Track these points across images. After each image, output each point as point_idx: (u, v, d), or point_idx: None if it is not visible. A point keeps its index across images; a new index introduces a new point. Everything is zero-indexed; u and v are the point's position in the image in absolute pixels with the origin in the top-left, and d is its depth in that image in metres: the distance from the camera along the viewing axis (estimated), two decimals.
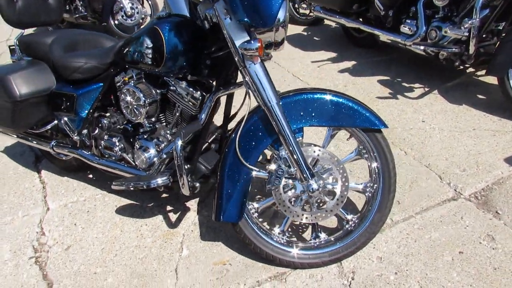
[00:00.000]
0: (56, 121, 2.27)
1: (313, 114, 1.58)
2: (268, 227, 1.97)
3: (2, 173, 2.71)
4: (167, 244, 1.98)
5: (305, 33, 4.88)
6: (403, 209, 2.03)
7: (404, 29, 3.18)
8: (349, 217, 1.75)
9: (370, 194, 1.72)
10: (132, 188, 1.87)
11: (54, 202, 2.37)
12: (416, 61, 3.77)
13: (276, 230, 1.78)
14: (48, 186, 2.53)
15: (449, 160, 2.38)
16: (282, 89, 3.46)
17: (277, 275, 1.74)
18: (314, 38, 4.70)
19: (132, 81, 1.87)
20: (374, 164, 1.69)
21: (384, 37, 3.44)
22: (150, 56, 1.69)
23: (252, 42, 1.42)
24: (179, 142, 1.60)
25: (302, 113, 1.58)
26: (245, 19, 1.41)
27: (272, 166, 1.63)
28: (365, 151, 1.70)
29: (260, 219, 2.04)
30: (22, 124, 2.24)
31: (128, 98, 1.87)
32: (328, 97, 1.59)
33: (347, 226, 1.75)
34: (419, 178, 2.25)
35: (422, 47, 2.99)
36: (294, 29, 5.05)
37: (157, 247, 1.96)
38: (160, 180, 1.80)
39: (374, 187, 1.70)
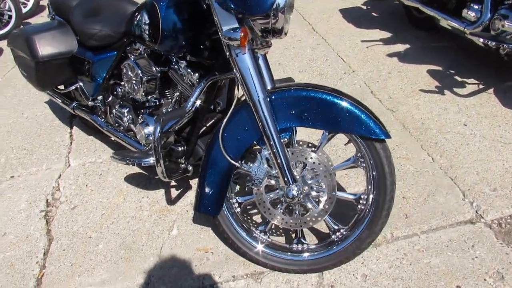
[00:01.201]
0: (78, 84, 2.33)
1: (305, 114, 1.42)
2: (252, 223, 1.91)
3: (41, 124, 2.89)
4: (160, 220, 1.99)
5: (364, 7, 4.49)
6: (408, 225, 1.83)
7: (467, 14, 2.76)
8: (336, 227, 1.61)
9: (362, 207, 1.55)
10: (129, 163, 1.88)
11: (75, 160, 2.48)
12: (477, 52, 3.26)
13: (260, 228, 1.70)
14: (75, 143, 2.66)
15: (480, 175, 2.09)
16: (320, 70, 3.30)
17: (254, 273, 1.68)
18: (372, 13, 4.31)
19: (133, 56, 1.82)
20: (370, 176, 1.51)
21: (444, 22, 3.02)
22: (147, 32, 1.63)
23: (237, 30, 1.28)
24: (158, 128, 1.55)
25: (293, 112, 1.43)
26: (231, 5, 1.28)
27: (255, 164, 1.52)
28: (362, 160, 1.52)
29: (254, 210, 1.97)
30: (47, 83, 2.34)
31: (129, 73, 1.83)
32: (324, 96, 1.42)
33: (333, 236, 1.61)
34: (438, 192, 2.00)
35: (481, 39, 2.57)
36: (354, 1, 4.66)
37: (151, 221, 1.99)
38: (152, 160, 1.78)
39: (367, 201, 1.53)
